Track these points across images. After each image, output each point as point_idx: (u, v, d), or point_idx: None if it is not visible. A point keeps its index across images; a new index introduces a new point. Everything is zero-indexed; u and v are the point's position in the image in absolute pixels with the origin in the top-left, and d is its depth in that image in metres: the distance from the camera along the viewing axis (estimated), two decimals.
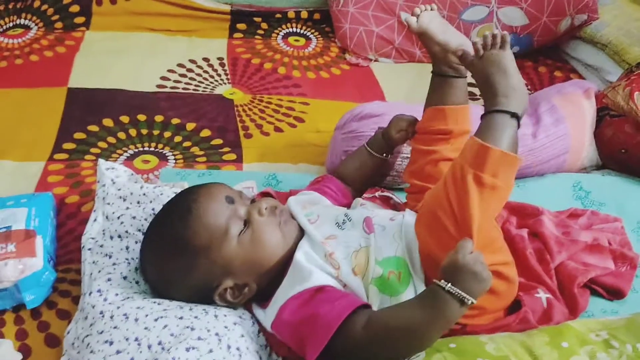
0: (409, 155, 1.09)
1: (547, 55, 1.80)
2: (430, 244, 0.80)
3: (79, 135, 1.33)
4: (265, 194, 1.03)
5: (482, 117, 0.83)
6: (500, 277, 0.83)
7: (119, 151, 1.30)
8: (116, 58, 1.60)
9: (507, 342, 0.75)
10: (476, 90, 1.64)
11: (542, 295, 0.89)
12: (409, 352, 0.74)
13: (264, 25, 1.81)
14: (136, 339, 0.75)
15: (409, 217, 0.89)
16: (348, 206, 1.02)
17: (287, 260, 0.85)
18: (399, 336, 0.74)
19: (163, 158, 1.28)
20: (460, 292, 0.72)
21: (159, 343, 0.75)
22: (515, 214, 1.08)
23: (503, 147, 0.78)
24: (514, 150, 0.80)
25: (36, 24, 1.69)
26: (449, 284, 0.72)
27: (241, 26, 1.79)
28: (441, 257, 0.75)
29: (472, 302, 0.72)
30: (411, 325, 0.73)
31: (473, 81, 0.91)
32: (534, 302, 0.88)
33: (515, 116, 0.81)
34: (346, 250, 0.85)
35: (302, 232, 0.89)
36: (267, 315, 0.83)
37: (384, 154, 1.07)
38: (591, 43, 1.72)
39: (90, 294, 0.84)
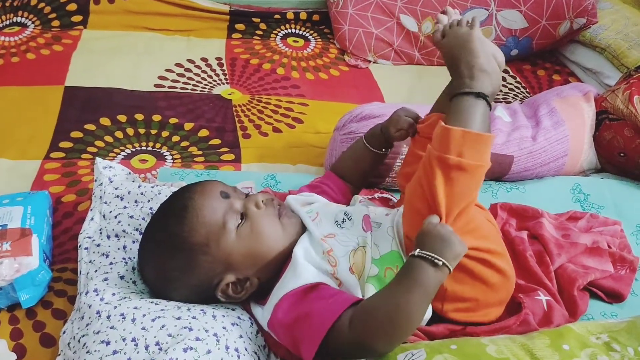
0: None
1: (546, 59, 1.80)
2: (410, 232, 0.80)
3: (75, 134, 1.32)
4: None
5: (450, 100, 0.83)
6: (488, 266, 0.82)
7: (116, 150, 1.29)
8: (114, 57, 1.59)
9: (508, 344, 0.74)
10: None
11: (543, 297, 0.89)
12: (397, 331, 0.73)
13: (263, 26, 1.81)
14: (133, 339, 0.74)
15: (402, 211, 0.88)
16: (347, 204, 1.01)
17: (287, 253, 0.84)
18: (382, 317, 0.73)
19: (160, 158, 1.28)
20: (428, 253, 0.73)
21: (157, 343, 0.74)
22: (515, 216, 1.07)
23: (471, 128, 0.77)
24: (485, 130, 0.79)
25: (33, 22, 1.68)
26: (418, 250, 0.74)
27: (240, 26, 1.79)
28: None
29: (443, 263, 0.73)
30: (391, 300, 0.73)
31: None
32: (535, 304, 0.87)
33: (482, 96, 0.80)
34: (345, 249, 0.84)
35: (303, 228, 0.88)
36: (265, 313, 0.82)
37: (383, 149, 1.06)
38: (590, 46, 1.72)
39: (86, 293, 0.83)
